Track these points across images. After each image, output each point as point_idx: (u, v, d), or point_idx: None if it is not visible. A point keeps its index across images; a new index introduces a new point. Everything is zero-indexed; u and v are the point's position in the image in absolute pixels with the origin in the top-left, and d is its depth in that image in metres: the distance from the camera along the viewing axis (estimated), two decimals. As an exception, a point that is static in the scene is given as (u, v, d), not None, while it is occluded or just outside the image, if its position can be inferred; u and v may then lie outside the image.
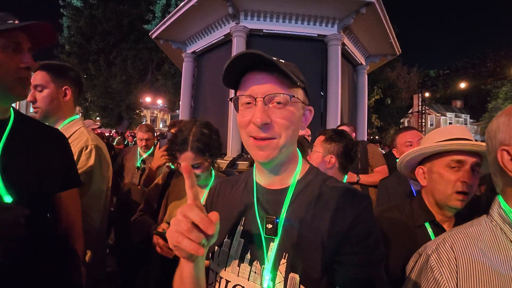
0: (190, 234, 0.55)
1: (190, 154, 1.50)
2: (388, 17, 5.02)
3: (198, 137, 1.52)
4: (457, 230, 0.85)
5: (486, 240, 0.78)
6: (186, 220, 0.56)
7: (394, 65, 23.12)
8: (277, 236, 0.73)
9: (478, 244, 0.78)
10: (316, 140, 1.73)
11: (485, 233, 0.79)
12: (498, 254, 0.75)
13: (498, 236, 0.77)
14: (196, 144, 1.50)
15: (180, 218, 0.57)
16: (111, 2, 15.53)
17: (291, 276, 0.68)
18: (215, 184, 0.98)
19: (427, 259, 0.83)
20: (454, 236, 0.82)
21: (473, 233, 0.81)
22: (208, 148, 1.55)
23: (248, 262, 0.75)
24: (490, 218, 0.81)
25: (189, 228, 0.55)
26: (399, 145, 2.19)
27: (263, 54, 0.66)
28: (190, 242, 0.55)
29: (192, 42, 5.99)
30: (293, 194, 0.77)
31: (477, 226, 0.82)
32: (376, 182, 2.54)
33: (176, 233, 0.56)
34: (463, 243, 0.79)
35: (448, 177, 1.12)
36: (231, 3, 4.40)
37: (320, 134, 1.78)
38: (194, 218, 0.55)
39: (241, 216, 0.82)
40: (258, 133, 0.69)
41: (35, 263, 1.00)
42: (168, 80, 18.34)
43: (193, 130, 1.55)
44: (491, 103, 28.61)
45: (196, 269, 0.65)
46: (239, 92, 0.75)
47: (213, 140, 1.58)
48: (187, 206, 0.58)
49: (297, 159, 0.83)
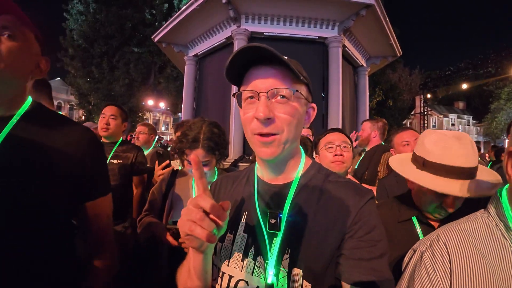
0: (202, 222, 0.55)
1: (201, 151, 1.53)
2: (389, 19, 5.04)
3: (208, 136, 1.54)
4: (452, 225, 0.83)
5: (481, 236, 0.77)
6: (198, 209, 0.56)
7: (395, 66, 23.03)
8: (280, 231, 0.72)
9: (473, 241, 0.76)
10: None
11: (480, 229, 0.78)
12: (493, 251, 0.74)
13: (493, 232, 0.76)
14: (207, 142, 1.53)
15: (191, 208, 0.57)
16: (114, 6, 15.67)
17: (294, 271, 0.68)
18: (217, 180, 0.97)
19: (421, 255, 0.82)
20: (448, 233, 0.81)
21: (468, 229, 0.79)
22: (218, 147, 1.58)
23: (252, 257, 0.74)
24: (487, 213, 0.80)
25: (202, 216, 0.55)
26: (396, 145, 2.21)
27: (267, 47, 0.65)
28: (202, 230, 0.54)
29: (194, 45, 6.04)
30: (296, 189, 0.77)
31: (473, 221, 0.81)
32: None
33: (188, 221, 0.56)
34: (457, 239, 0.78)
35: (431, 198, 1.13)
36: (232, 7, 4.44)
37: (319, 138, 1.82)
38: (206, 207, 0.55)
39: (243, 211, 0.81)
40: (261, 129, 0.68)
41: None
42: (170, 83, 18.41)
43: (204, 129, 1.57)
44: (494, 104, 28.43)
45: (205, 261, 0.66)
46: (242, 88, 0.74)
47: (222, 140, 1.61)
48: (199, 196, 0.58)
49: (300, 155, 0.83)
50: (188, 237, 0.58)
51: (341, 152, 1.66)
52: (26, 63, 0.89)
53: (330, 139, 1.75)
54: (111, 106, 2.64)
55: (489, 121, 29.19)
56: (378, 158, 2.70)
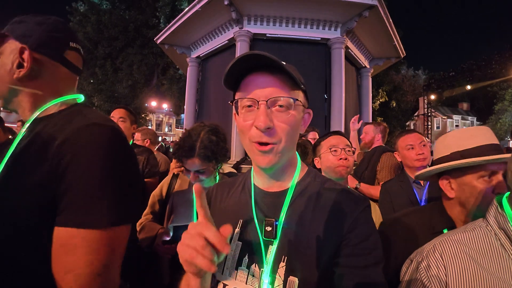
0: (204, 251, 0.52)
1: (197, 160, 1.49)
2: (392, 20, 5.02)
3: (206, 144, 1.49)
4: (449, 236, 0.83)
5: (478, 246, 0.76)
6: (200, 237, 0.54)
7: (398, 67, 22.98)
8: (276, 239, 0.72)
9: (469, 252, 0.76)
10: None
11: (479, 239, 0.77)
12: (491, 261, 0.73)
13: (492, 242, 0.75)
14: (203, 151, 1.48)
15: (193, 234, 0.54)
16: (117, 8, 15.77)
17: (290, 279, 0.68)
18: (212, 187, 0.96)
19: (417, 266, 0.82)
20: (445, 243, 0.80)
21: (465, 240, 0.79)
22: (215, 155, 1.53)
23: (246, 266, 0.74)
24: (486, 223, 0.79)
25: (204, 245, 0.53)
26: (400, 149, 2.18)
27: (269, 56, 0.64)
28: (203, 259, 0.52)
29: (196, 47, 6.06)
30: (292, 196, 0.76)
31: (471, 231, 0.80)
32: (375, 196, 2.35)
33: (189, 248, 0.53)
34: (453, 250, 0.78)
35: (482, 189, 1.04)
36: (235, 8, 4.45)
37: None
38: (209, 236, 0.53)
39: (238, 218, 0.80)
40: (261, 138, 0.68)
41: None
42: (173, 84, 18.49)
43: (201, 136, 1.52)
44: (498, 105, 28.23)
45: (204, 283, 0.64)
46: (240, 95, 0.73)
47: (220, 147, 1.56)
48: (203, 224, 0.56)
49: (296, 162, 0.83)
50: (187, 263, 0.55)
51: (346, 156, 1.64)
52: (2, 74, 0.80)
53: (333, 143, 1.70)
54: (120, 109, 2.60)
55: (493, 123, 28.95)
56: (377, 158, 2.79)
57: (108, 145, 0.72)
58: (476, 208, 1.06)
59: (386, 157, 2.75)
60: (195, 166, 1.50)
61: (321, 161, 1.73)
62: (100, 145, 0.71)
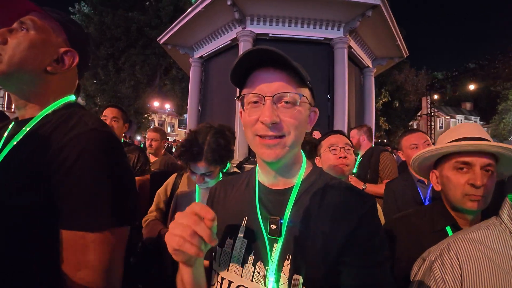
0: (192, 239, 0.56)
1: (204, 164, 1.47)
2: (395, 20, 5.01)
3: (213, 148, 1.46)
4: (463, 235, 0.81)
5: (493, 245, 0.75)
6: (187, 226, 0.57)
7: (401, 67, 22.92)
8: (281, 237, 0.71)
9: (484, 250, 0.74)
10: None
11: (493, 237, 0.76)
12: (507, 260, 0.71)
13: (506, 240, 0.74)
14: (211, 156, 1.45)
15: (181, 223, 0.58)
16: (120, 9, 15.82)
17: (295, 277, 0.67)
18: (215, 185, 0.95)
19: (430, 265, 0.80)
20: (459, 242, 0.79)
21: (479, 238, 0.77)
22: (222, 159, 1.51)
23: (251, 263, 0.73)
24: (500, 221, 0.78)
25: (192, 234, 0.56)
26: (404, 148, 2.18)
27: (277, 51, 0.63)
28: (191, 245, 0.56)
29: (199, 47, 6.07)
30: (297, 194, 0.75)
31: (485, 229, 0.79)
32: (382, 194, 2.35)
33: (177, 237, 0.56)
34: (468, 250, 0.76)
35: (456, 180, 1.04)
36: (238, 8, 4.46)
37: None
38: (201, 233, 0.56)
39: (243, 216, 0.80)
40: (266, 132, 0.67)
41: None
42: (175, 84, 18.54)
43: (208, 139, 1.49)
44: (501, 105, 28.15)
45: (195, 272, 0.66)
46: (246, 90, 0.72)
47: (227, 151, 1.54)
48: (195, 219, 0.58)
49: (301, 160, 0.82)
50: (175, 251, 0.58)
51: (345, 154, 1.64)
52: (36, 55, 0.79)
53: (333, 141, 1.71)
54: (112, 108, 2.59)
55: (497, 122, 28.86)
56: (377, 158, 2.88)
57: (107, 151, 0.76)
58: (455, 200, 1.05)
59: (385, 156, 2.89)
60: (202, 169, 1.49)
61: (321, 160, 1.74)
62: (100, 151, 0.74)
